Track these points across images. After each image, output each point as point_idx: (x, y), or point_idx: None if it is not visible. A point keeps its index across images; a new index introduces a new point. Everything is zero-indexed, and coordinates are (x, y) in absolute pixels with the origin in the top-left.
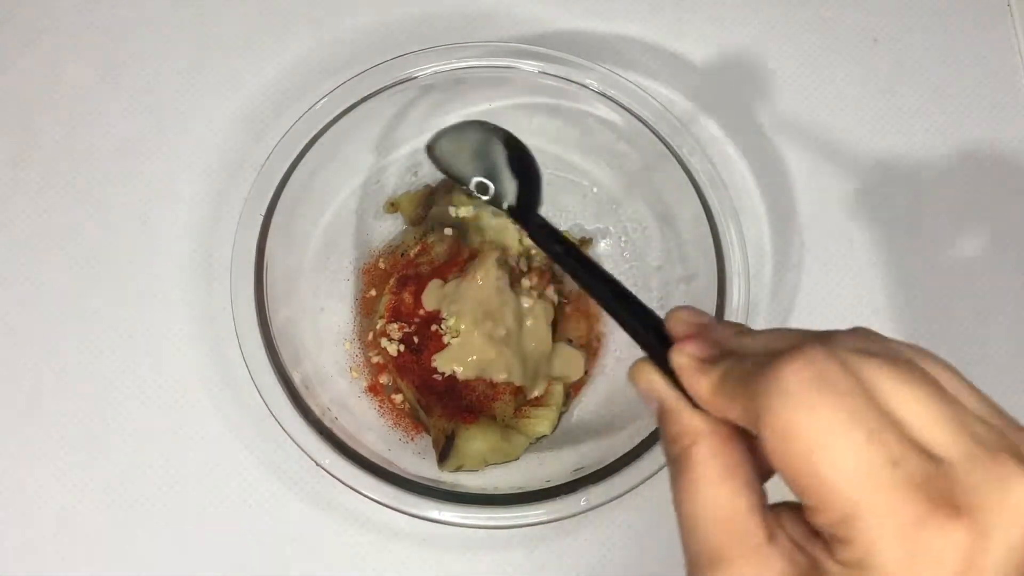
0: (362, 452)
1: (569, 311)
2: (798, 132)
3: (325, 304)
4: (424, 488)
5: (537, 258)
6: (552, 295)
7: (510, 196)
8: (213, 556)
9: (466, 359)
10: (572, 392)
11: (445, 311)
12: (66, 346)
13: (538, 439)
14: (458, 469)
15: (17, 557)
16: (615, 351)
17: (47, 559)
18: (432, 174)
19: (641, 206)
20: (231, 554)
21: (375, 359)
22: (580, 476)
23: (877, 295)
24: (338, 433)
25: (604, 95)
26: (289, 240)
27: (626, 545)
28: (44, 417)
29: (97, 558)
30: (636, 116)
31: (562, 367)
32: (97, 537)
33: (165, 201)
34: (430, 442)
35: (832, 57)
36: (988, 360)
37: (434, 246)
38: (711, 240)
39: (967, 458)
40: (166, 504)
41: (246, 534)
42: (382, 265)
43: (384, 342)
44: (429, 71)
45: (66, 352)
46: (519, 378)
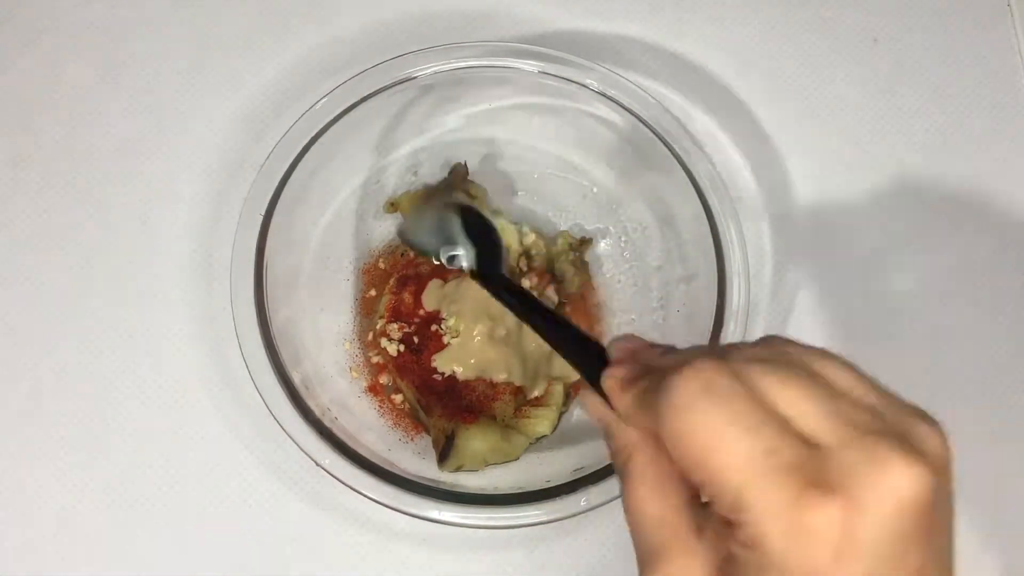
0: (362, 452)
1: (569, 311)
2: (798, 132)
3: (325, 304)
4: (424, 488)
5: (537, 258)
6: (552, 295)
7: (469, 261)
8: (213, 556)
9: (466, 359)
10: (572, 392)
11: (445, 311)
12: (66, 346)
13: (538, 439)
14: (458, 469)
15: (17, 557)
16: None
17: (47, 559)
18: (432, 174)
19: (641, 206)
20: (231, 554)
21: (375, 359)
22: (580, 476)
23: (877, 295)
24: (338, 433)
25: (604, 95)
26: (289, 240)
27: (626, 545)
28: (44, 417)
29: (97, 558)
30: (636, 116)
31: (562, 367)
32: (97, 537)
33: (165, 201)
34: (430, 442)
35: (832, 57)
36: (988, 360)
37: None
38: (711, 240)
39: (843, 444)
40: (166, 504)
41: (246, 534)
42: (382, 265)
43: (384, 342)
44: (429, 71)
45: (66, 352)
46: (519, 378)
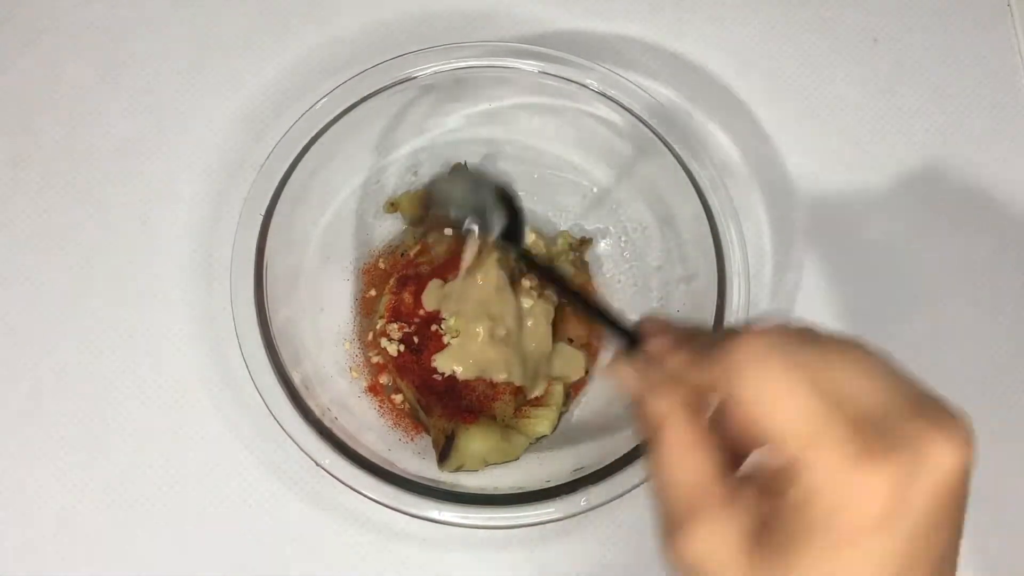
0: (362, 452)
1: (569, 311)
2: (798, 132)
3: (325, 304)
4: (424, 488)
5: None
6: (552, 295)
7: (500, 227)
8: (213, 556)
9: (466, 359)
10: (572, 392)
11: (445, 311)
12: (66, 346)
13: (538, 439)
14: (458, 469)
15: (17, 557)
16: (615, 351)
17: (47, 559)
18: (432, 174)
19: (641, 206)
20: (231, 554)
21: (375, 359)
22: (580, 476)
23: (877, 295)
24: (338, 433)
25: (604, 95)
26: (289, 240)
27: (626, 545)
28: (44, 417)
29: (97, 558)
30: (636, 116)
31: (562, 367)
32: (97, 537)
33: (165, 201)
34: (430, 442)
35: (832, 57)
36: (988, 360)
37: (434, 246)
38: (711, 240)
39: (898, 417)
40: (166, 504)
41: (246, 534)
42: (382, 265)
43: (384, 342)
44: (429, 71)
45: (66, 352)
46: (519, 378)
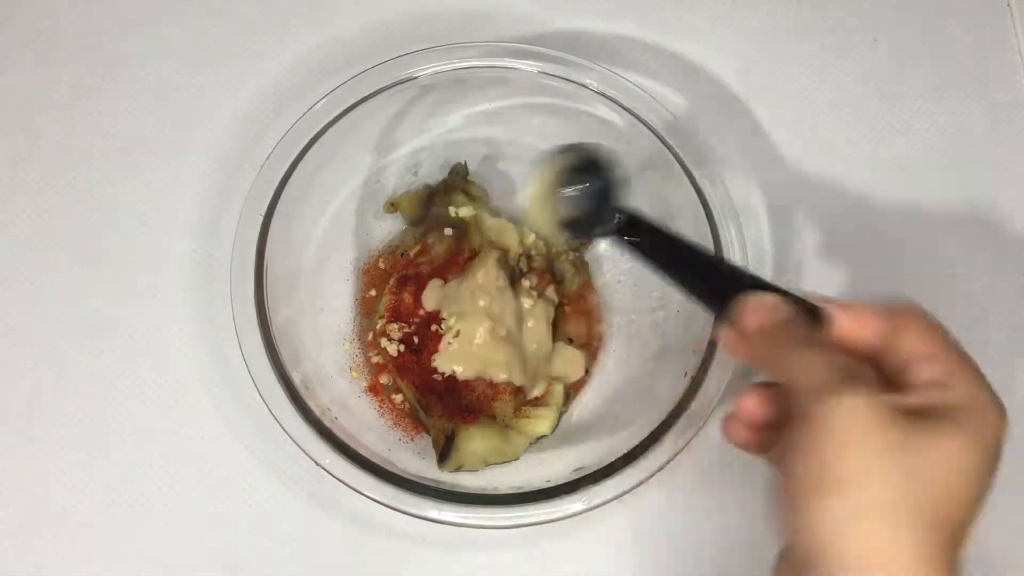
0: (362, 452)
1: (569, 311)
2: (798, 132)
3: (325, 304)
4: (424, 488)
5: (537, 258)
6: (552, 295)
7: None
8: (213, 556)
9: (466, 359)
10: (572, 392)
11: (445, 311)
12: (66, 346)
13: (538, 439)
14: (458, 469)
15: (17, 557)
16: (615, 351)
17: (47, 559)
18: (432, 174)
19: (641, 206)
20: (231, 554)
21: (375, 359)
22: (580, 476)
23: (877, 296)
24: (338, 433)
25: (604, 95)
26: (289, 240)
27: (626, 545)
28: (44, 417)
29: (97, 558)
30: (636, 116)
31: (562, 367)
32: (97, 537)
33: (165, 201)
34: (430, 442)
35: (832, 57)
36: (988, 360)
37: (434, 246)
38: (711, 240)
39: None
40: (166, 504)
41: (246, 534)
42: (382, 265)
43: (384, 342)
44: (429, 71)
45: (66, 352)
46: (519, 378)
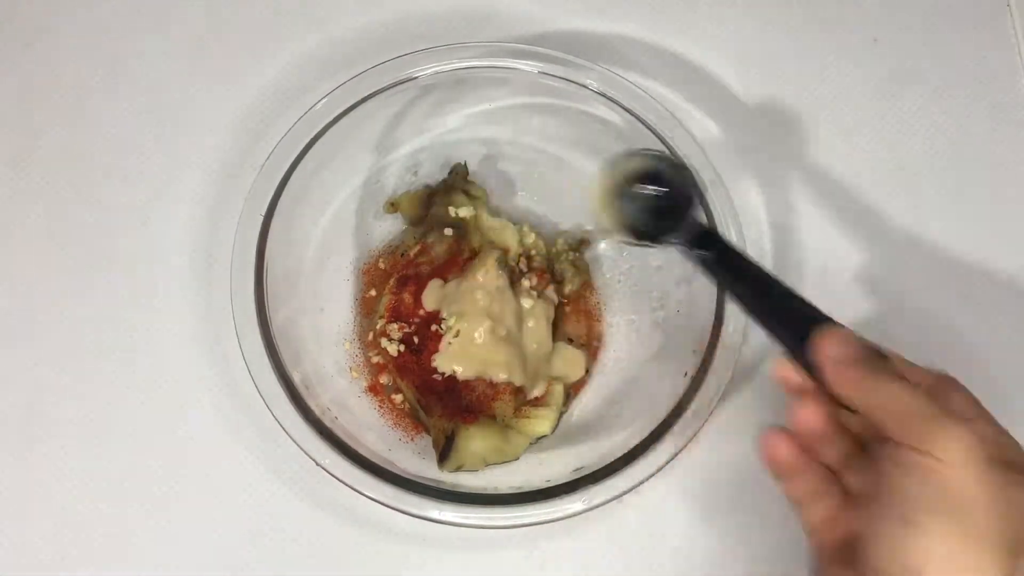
0: (362, 452)
1: (569, 311)
2: (797, 132)
3: (325, 304)
4: (424, 488)
5: (537, 258)
6: (552, 295)
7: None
8: (213, 556)
9: (466, 359)
10: (572, 392)
11: (445, 311)
12: (66, 346)
13: (538, 439)
14: (458, 469)
15: (17, 557)
16: (615, 351)
17: (47, 559)
18: (432, 174)
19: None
20: (231, 554)
21: (375, 359)
22: (580, 476)
23: (877, 295)
24: (338, 433)
25: (604, 95)
26: (289, 240)
27: (626, 545)
28: (44, 417)
29: (97, 558)
30: (636, 116)
31: (562, 367)
32: (97, 537)
33: (165, 201)
34: (430, 442)
35: (832, 57)
36: (988, 361)
37: (434, 246)
38: None
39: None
40: (166, 504)
41: (246, 534)
42: (382, 265)
43: (384, 342)
44: (429, 71)
45: (66, 352)
46: (519, 378)
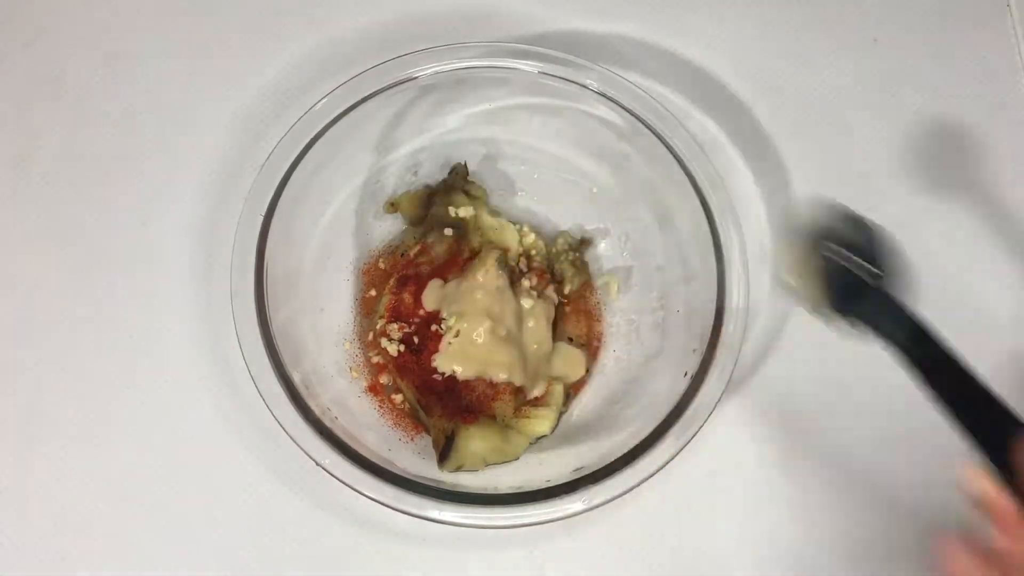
0: (362, 452)
1: (569, 311)
2: (797, 132)
3: (325, 304)
4: (424, 488)
5: (537, 258)
6: (552, 295)
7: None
8: (213, 556)
9: (466, 359)
10: (572, 392)
11: (445, 311)
12: (66, 346)
13: (538, 439)
14: (458, 469)
15: (17, 557)
16: (615, 351)
17: (47, 559)
18: (432, 174)
19: (641, 206)
20: (231, 554)
21: (375, 359)
22: (580, 476)
23: None
24: (338, 433)
25: (604, 95)
26: (289, 240)
27: (626, 545)
28: (44, 417)
29: (97, 558)
30: (636, 116)
31: (563, 367)
32: (97, 537)
33: (165, 201)
34: (430, 442)
35: (832, 57)
36: (987, 362)
37: (434, 246)
38: (711, 240)
39: None
40: (166, 504)
41: (246, 534)
42: (382, 265)
43: (384, 342)
44: (429, 71)
45: (66, 352)
46: (519, 378)
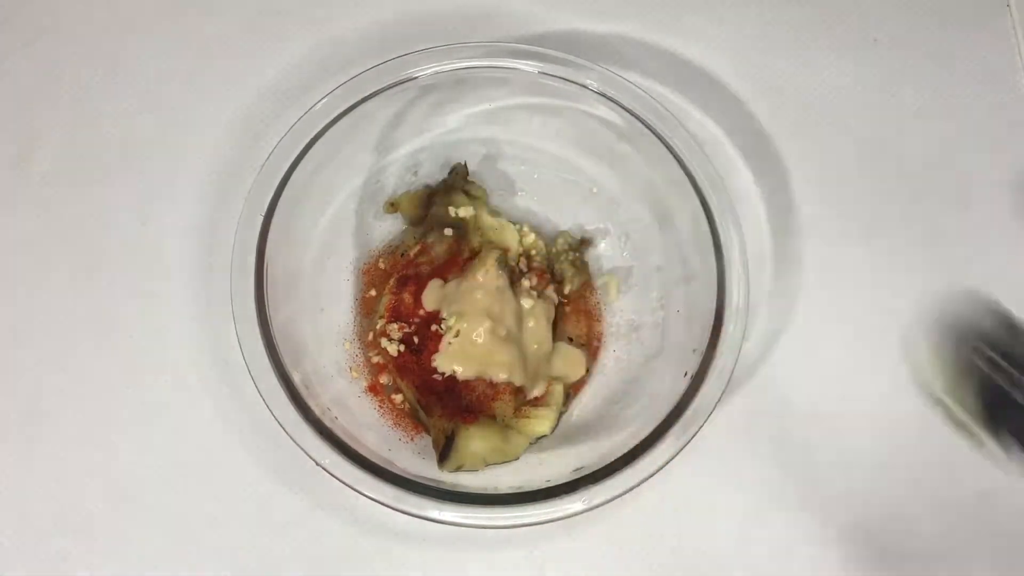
0: (362, 452)
1: (569, 311)
2: (797, 132)
3: (325, 304)
4: (424, 488)
5: (537, 258)
6: (552, 295)
7: None
8: (212, 556)
9: (466, 359)
10: (572, 392)
11: (445, 311)
12: (66, 346)
13: (538, 439)
14: (458, 469)
15: (17, 557)
16: (615, 351)
17: (47, 559)
18: (432, 174)
19: (641, 206)
20: (231, 554)
21: (375, 359)
22: (580, 476)
23: (876, 296)
24: (338, 433)
25: (604, 95)
26: (289, 240)
27: (626, 545)
28: (44, 417)
29: (97, 558)
30: (636, 116)
31: (563, 366)
32: (97, 537)
33: (165, 201)
34: (430, 442)
35: (832, 57)
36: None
37: (434, 246)
38: (711, 240)
39: None
40: (166, 504)
41: (246, 534)
42: (382, 265)
43: (384, 342)
44: (429, 71)
45: (66, 352)
46: (519, 378)
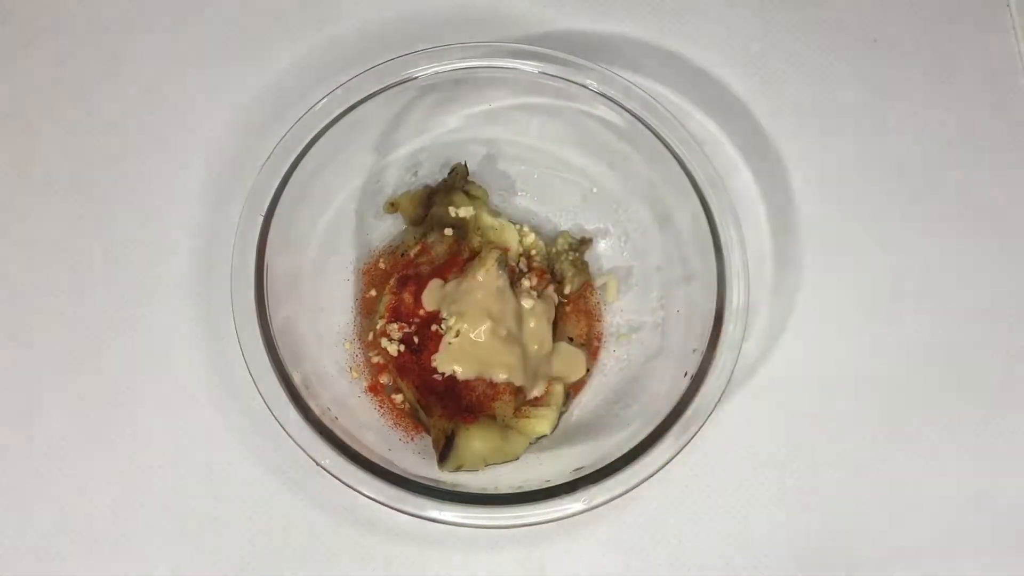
0: (362, 452)
1: (569, 311)
2: (798, 132)
3: (325, 304)
4: (424, 488)
5: (537, 258)
6: (552, 295)
7: None
8: (213, 556)
9: (466, 359)
10: (572, 392)
11: (445, 311)
12: (66, 347)
13: (538, 439)
14: (458, 469)
15: (17, 557)
16: (615, 351)
17: (47, 559)
18: (432, 174)
19: (641, 206)
20: (231, 554)
21: (375, 359)
22: (580, 476)
23: (876, 296)
24: (338, 433)
25: (604, 95)
26: (289, 240)
27: (625, 545)
28: (44, 417)
29: (97, 558)
30: (636, 116)
31: (562, 367)
32: (97, 537)
33: (165, 201)
34: (430, 442)
35: (832, 57)
36: (987, 363)
37: (434, 246)
38: (711, 240)
39: None
40: (166, 504)
41: (246, 534)
42: (382, 265)
43: (384, 342)
44: (429, 71)
45: (66, 352)
46: (519, 378)
